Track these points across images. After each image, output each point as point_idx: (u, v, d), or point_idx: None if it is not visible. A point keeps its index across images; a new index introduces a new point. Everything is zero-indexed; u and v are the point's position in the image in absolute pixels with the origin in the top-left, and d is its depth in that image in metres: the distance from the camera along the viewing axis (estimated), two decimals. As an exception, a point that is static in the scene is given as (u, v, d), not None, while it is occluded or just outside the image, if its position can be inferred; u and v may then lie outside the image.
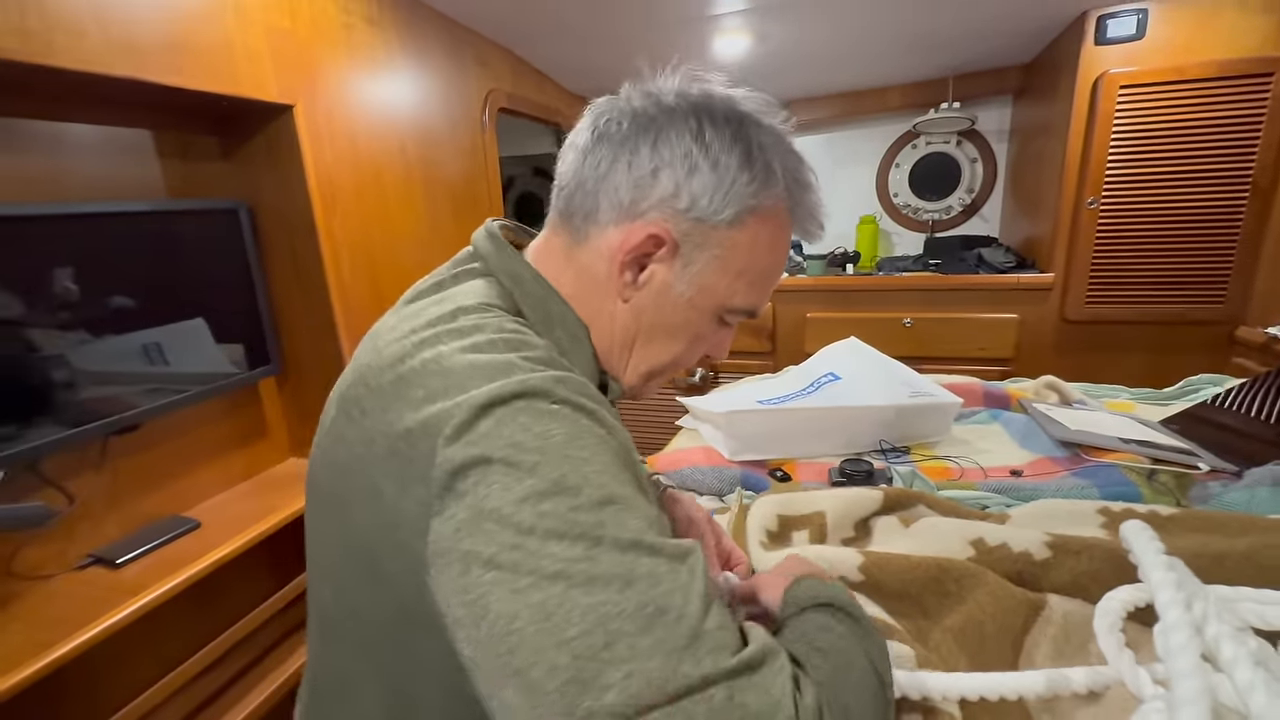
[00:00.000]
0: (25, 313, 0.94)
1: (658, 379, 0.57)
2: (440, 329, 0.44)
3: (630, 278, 0.50)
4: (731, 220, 0.48)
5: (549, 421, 0.37)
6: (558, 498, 0.34)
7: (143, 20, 0.93)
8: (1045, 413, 1.17)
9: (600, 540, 0.33)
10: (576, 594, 0.32)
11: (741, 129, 0.48)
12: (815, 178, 0.53)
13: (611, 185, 0.48)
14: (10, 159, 0.96)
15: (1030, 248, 2.25)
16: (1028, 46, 2.15)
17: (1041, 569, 0.68)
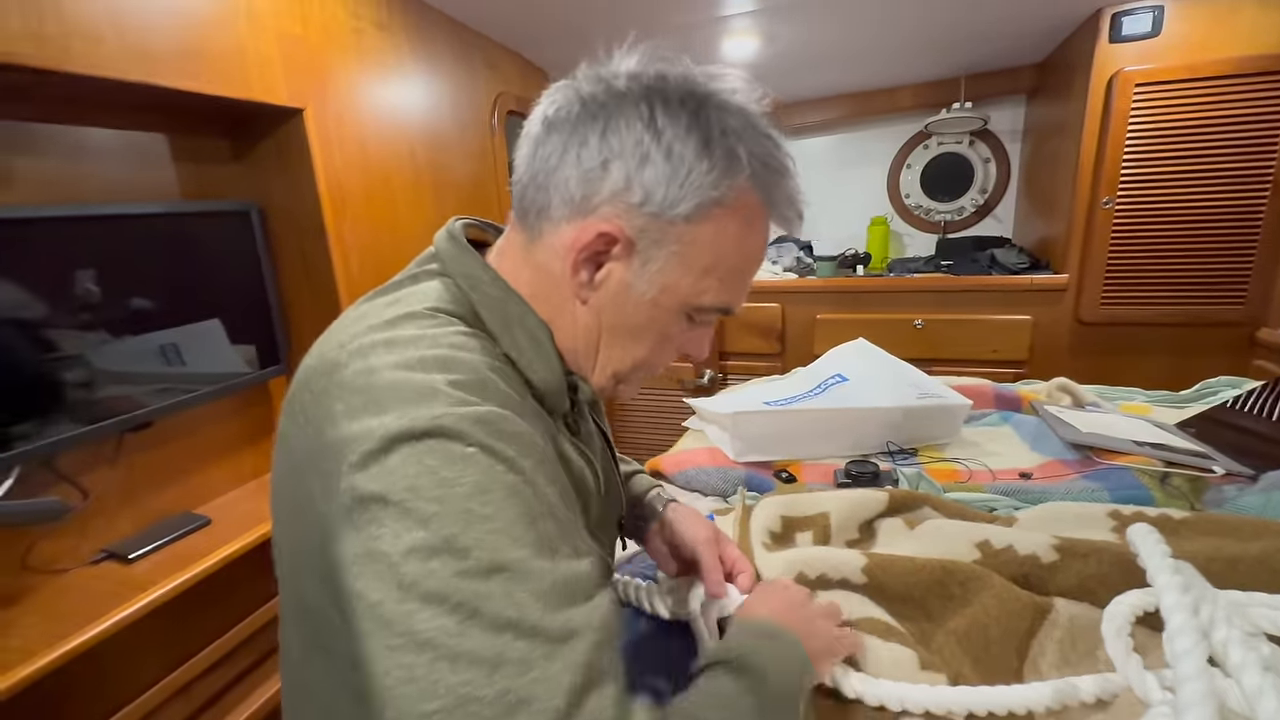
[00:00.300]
0: (45, 312, 0.96)
1: (630, 381, 0.54)
2: (378, 337, 0.42)
3: (586, 277, 0.47)
4: (691, 214, 0.44)
5: (458, 467, 0.35)
6: (445, 557, 0.33)
7: (157, 26, 0.95)
8: (1056, 415, 1.15)
9: (477, 613, 0.32)
10: (443, 667, 0.31)
11: (700, 112, 0.43)
12: (791, 161, 0.48)
13: (562, 179, 0.45)
14: (31, 162, 0.99)
15: (1044, 248, 2.22)
16: (1041, 45, 2.13)
17: (1048, 572, 0.67)
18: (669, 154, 0.43)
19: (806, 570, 0.71)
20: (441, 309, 0.47)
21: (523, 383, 0.48)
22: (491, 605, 0.33)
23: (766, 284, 2.41)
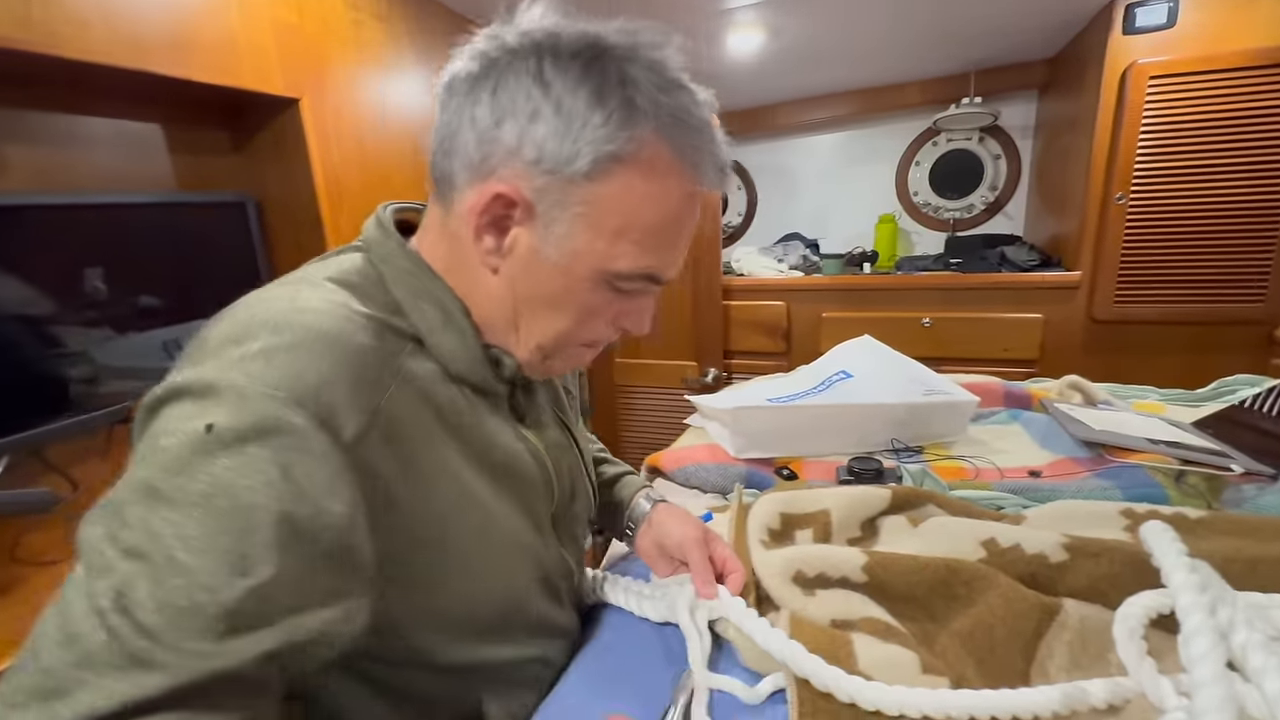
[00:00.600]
0: (40, 304, 0.95)
1: (559, 356, 0.52)
2: (250, 296, 0.43)
3: (492, 244, 0.45)
4: (589, 170, 0.42)
5: (176, 438, 0.35)
6: (110, 516, 0.34)
7: (146, 14, 0.94)
8: (1067, 413, 1.12)
9: (95, 582, 0.33)
10: (52, 618, 0.33)
11: (595, 63, 0.41)
12: (710, 113, 0.45)
13: (462, 143, 0.44)
14: (25, 150, 0.98)
15: (1056, 246, 2.18)
16: (1053, 39, 2.09)
17: (1057, 572, 0.64)
18: (559, 107, 0.41)
19: (805, 568, 0.68)
20: (337, 279, 0.46)
21: (425, 356, 0.47)
22: (102, 583, 0.32)
23: (771, 282, 2.38)
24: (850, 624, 0.63)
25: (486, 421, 0.50)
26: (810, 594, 0.67)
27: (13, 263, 0.92)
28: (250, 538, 0.34)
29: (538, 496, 0.55)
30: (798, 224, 2.94)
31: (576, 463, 0.63)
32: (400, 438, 0.42)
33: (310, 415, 0.36)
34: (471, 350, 0.49)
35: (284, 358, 0.37)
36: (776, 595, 0.67)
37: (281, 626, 0.34)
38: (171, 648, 0.32)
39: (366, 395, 0.40)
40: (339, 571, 0.38)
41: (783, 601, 0.66)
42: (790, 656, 0.54)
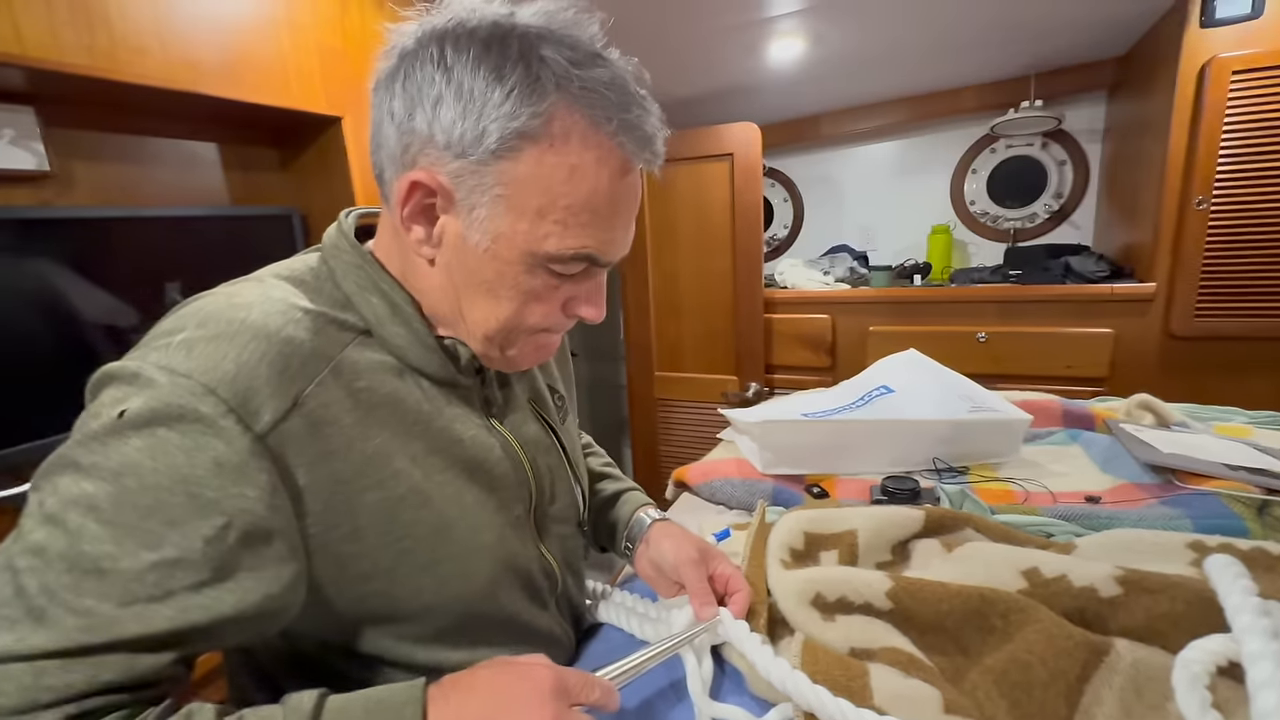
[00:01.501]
0: (123, 313, 1.02)
1: (515, 346, 0.51)
2: (200, 294, 0.45)
3: (422, 234, 0.45)
4: (498, 149, 0.41)
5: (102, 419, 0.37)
6: (42, 482, 0.37)
7: (202, 39, 1.00)
8: (1134, 434, 1.02)
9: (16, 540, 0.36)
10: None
11: (494, 43, 0.41)
12: (635, 85, 0.44)
13: (385, 137, 0.44)
14: (89, 167, 1.06)
15: (1128, 255, 2.02)
16: (1122, 36, 1.96)
17: (1109, 608, 0.57)
18: (459, 90, 0.41)
19: (825, 592, 0.64)
20: (286, 275, 0.48)
21: (375, 347, 0.47)
22: (20, 544, 0.35)
23: (816, 294, 2.32)
24: (870, 653, 0.58)
25: (447, 412, 0.50)
26: (829, 619, 0.62)
27: (101, 276, 0.99)
28: (155, 515, 0.36)
29: (510, 493, 0.54)
30: (846, 236, 2.86)
31: (559, 463, 0.61)
32: (330, 424, 0.43)
33: (220, 402, 0.38)
34: (422, 341, 0.49)
35: (204, 348, 0.39)
36: (792, 618, 0.63)
37: (180, 603, 0.36)
38: (71, 608, 0.34)
39: (289, 383, 0.41)
40: (251, 555, 0.39)
41: (799, 625, 0.62)
42: (793, 687, 0.50)
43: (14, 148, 0.94)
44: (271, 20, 1.11)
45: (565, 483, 0.62)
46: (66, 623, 0.34)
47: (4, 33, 0.80)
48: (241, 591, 0.38)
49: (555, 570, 0.60)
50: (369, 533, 0.45)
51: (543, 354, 0.54)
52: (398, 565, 0.46)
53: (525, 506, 0.56)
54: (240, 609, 0.38)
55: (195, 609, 0.37)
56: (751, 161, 2.20)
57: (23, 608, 0.34)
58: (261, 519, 0.39)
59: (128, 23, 0.91)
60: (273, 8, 1.11)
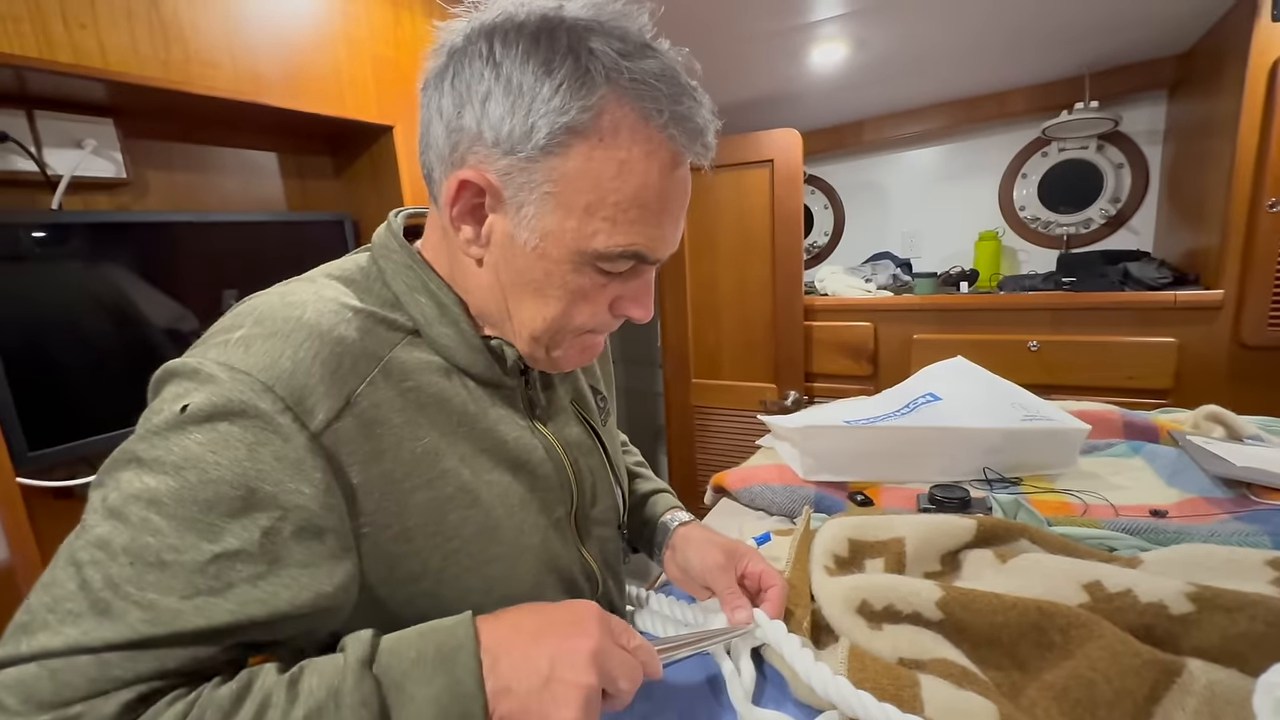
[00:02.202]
0: (186, 318, 1.08)
1: (558, 345, 0.50)
2: (256, 294, 0.46)
3: (471, 234, 0.45)
4: (547, 145, 0.40)
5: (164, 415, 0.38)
6: (107, 476, 0.38)
7: (267, 52, 1.06)
8: (1204, 447, 0.97)
9: (81, 533, 0.36)
10: (54, 561, 0.37)
11: (544, 37, 0.40)
12: (686, 77, 0.43)
13: (434, 137, 0.44)
14: (162, 175, 1.13)
15: (1192, 261, 1.92)
16: (1184, 33, 1.87)
17: (1180, 626, 0.54)
18: (508, 85, 0.40)
19: (871, 599, 0.62)
20: (337, 275, 0.48)
21: (423, 347, 0.48)
22: (85, 538, 0.36)
23: (858, 301, 2.27)
24: (920, 664, 0.56)
25: (492, 412, 0.50)
26: (876, 628, 0.61)
27: (166, 283, 1.05)
28: (216, 508, 0.36)
29: (553, 495, 0.54)
30: (889, 243, 2.80)
31: (601, 465, 0.61)
32: (380, 424, 0.43)
33: (277, 399, 0.38)
34: (469, 341, 0.49)
35: (261, 345, 0.40)
36: (838, 625, 0.61)
37: (239, 595, 0.36)
38: (135, 601, 0.34)
39: (341, 383, 0.41)
40: (305, 550, 0.39)
41: (844, 633, 0.61)
42: (835, 692, 0.49)
43: (96, 157, 1.01)
44: (330, 34, 1.16)
45: (606, 484, 0.62)
46: (131, 615, 0.34)
47: (90, 49, 0.86)
48: (297, 587, 0.38)
49: (596, 572, 0.60)
50: (418, 533, 0.45)
51: (587, 355, 0.53)
52: (446, 566, 0.46)
53: (567, 508, 0.56)
54: (295, 604, 0.38)
55: (253, 602, 0.37)
56: (792, 168, 2.18)
57: (87, 601, 0.34)
58: (316, 516, 0.39)
59: (201, 38, 0.97)
60: (331, 23, 1.17)
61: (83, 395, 0.98)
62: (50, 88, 0.92)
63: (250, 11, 1.04)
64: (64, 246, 0.95)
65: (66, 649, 0.33)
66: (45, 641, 0.33)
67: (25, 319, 0.90)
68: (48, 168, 0.96)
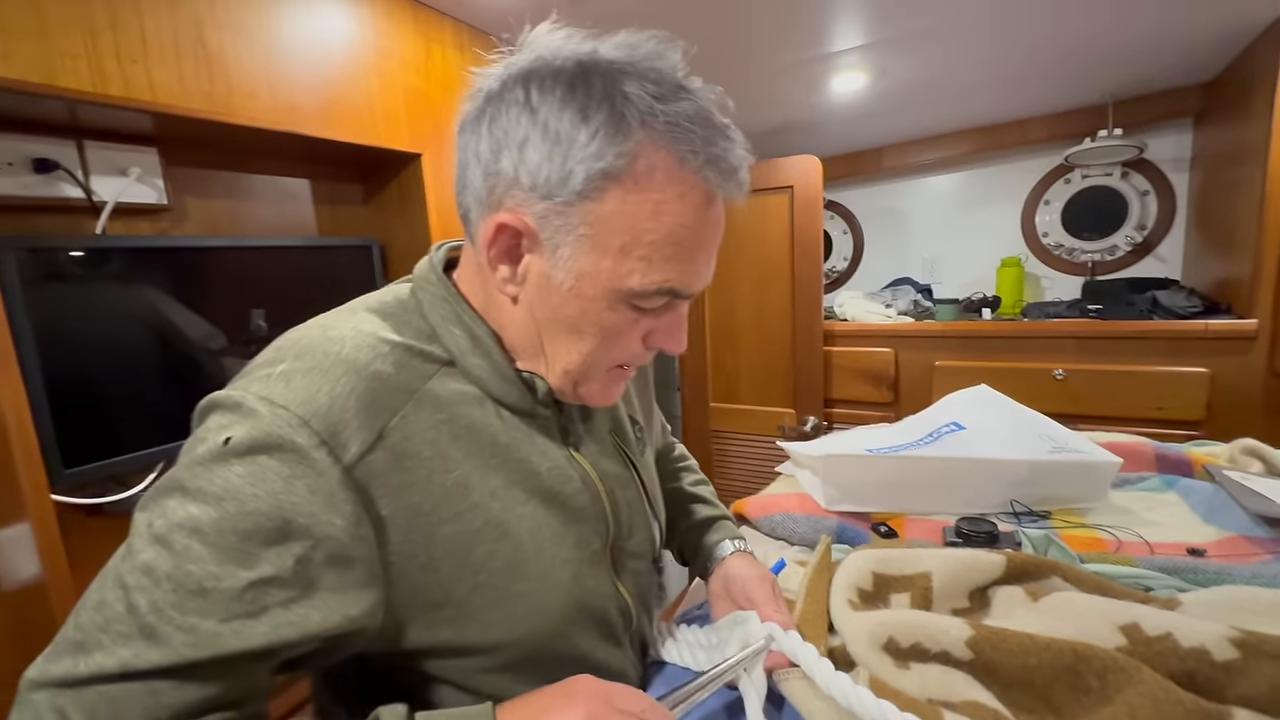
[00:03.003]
0: (216, 338, 1.11)
1: (590, 380, 0.51)
2: (298, 326, 0.48)
3: (507, 273, 0.46)
4: (584, 189, 0.41)
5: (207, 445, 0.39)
6: (151, 505, 0.39)
7: (303, 85, 1.10)
8: (1241, 482, 0.94)
9: (128, 557, 0.38)
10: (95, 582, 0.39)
11: (579, 82, 0.41)
12: (719, 116, 0.43)
13: (471, 179, 0.45)
14: (200, 202, 1.17)
15: (1224, 290, 1.89)
16: (1210, 61, 1.87)
17: (1225, 674, 0.52)
18: (545, 131, 0.41)
19: (898, 636, 0.61)
20: (375, 308, 0.50)
21: (459, 378, 0.49)
22: (132, 562, 0.37)
23: (877, 327, 2.26)
24: (950, 706, 0.55)
25: (526, 443, 0.50)
26: (903, 666, 0.59)
27: (199, 305, 1.08)
28: (253, 538, 0.38)
29: (588, 526, 0.54)
30: (909, 269, 2.79)
31: (638, 498, 0.61)
32: (411, 456, 0.44)
33: (313, 434, 0.40)
34: (501, 372, 0.49)
35: (301, 380, 0.41)
36: (863, 662, 0.60)
37: (274, 619, 0.38)
38: (178, 626, 0.36)
39: (375, 417, 0.43)
40: (335, 576, 0.41)
41: (870, 671, 0.59)
42: (857, 701, 0.48)
43: (140, 184, 1.05)
44: (363, 67, 1.21)
45: (643, 517, 0.61)
46: (175, 639, 0.36)
47: (140, 82, 0.90)
48: (326, 610, 0.40)
49: (631, 607, 0.60)
50: (444, 564, 0.45)
51: (614, 393, 0.54)
52: (471, 598, 0.47)
53: (602, 541, 0.56)
54: (325, 626, 0.40)
55: (286, 625, 0.39)
56: (812, 194, 2.19)
57: (135, 624, 0.36)
58: (345, 546, 0.40)
59: (243, 71, 1.01)
60: (365, 56, 1.21)
61: (116, 414, 1.01)
62: (100, 119, 0.96)
63: (289, 46, 1.09)
64: (105, 269, 0.99)
65: (119, 671, 0.36)
66: (101, 661, 0.36)
67: (67, 339, 0.94)
68: (94, 194, 1.00)
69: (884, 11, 1.47)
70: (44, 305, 0.91)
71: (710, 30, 1.50)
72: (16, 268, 0.87)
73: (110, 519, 1.03)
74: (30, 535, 0.79)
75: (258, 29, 1.04)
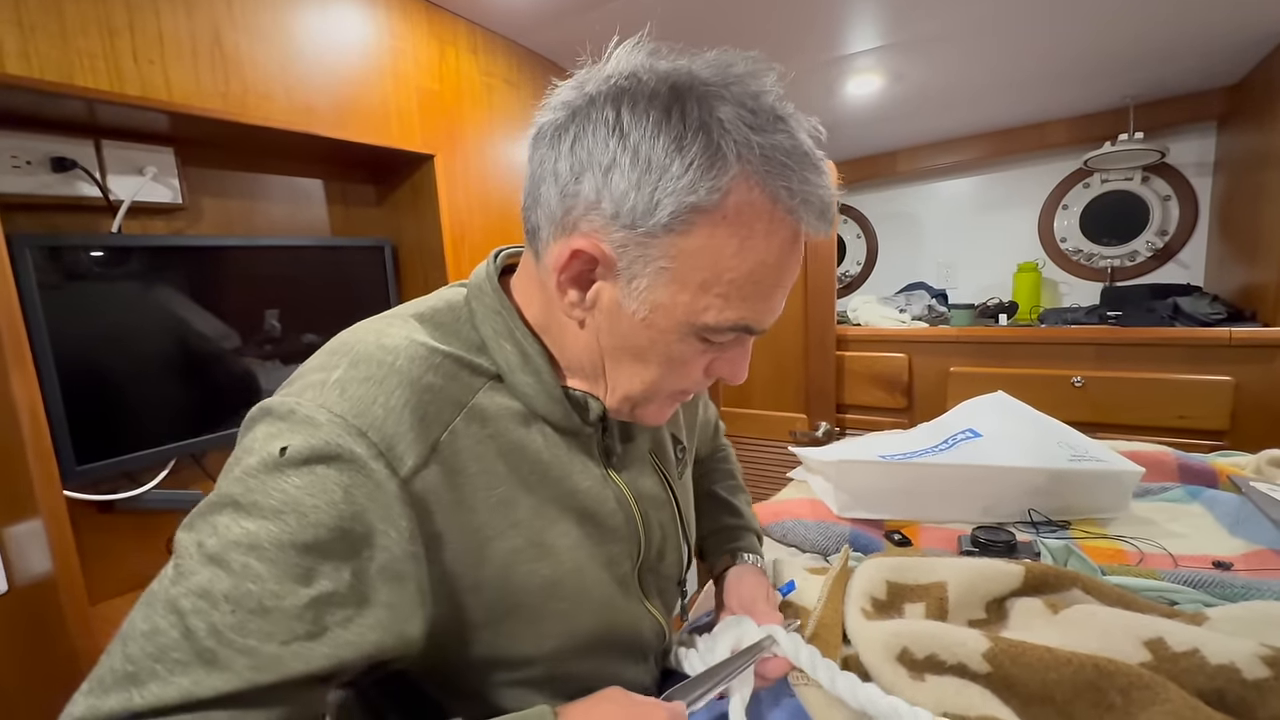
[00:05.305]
0: (230, 337, 1.11)
1: (649, 403, 0.49)
2: (348, 330, 0.47)
3: (576, 297, 0.44)
4: (670, 223, 0.39)
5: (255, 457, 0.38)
6: (200, 522, 0.38)
7: (318, 85, 1.11)
8: (1269, 494, 0.91)
9: (180, 579, 0.36)
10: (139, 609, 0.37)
11: (674, 108, 0.38)
12: (813, 148, 0.41)
13: (545, 197, 0.43)
14: (215, 202, 1.18)
15: (1249, 297, 1.84)
16: (1235, 65, 1.83)
17: (1255, 692, 0.50)
18: (636, 158, 0.38)
19: (913, 647, 0.59)
20: (426, 315, 0.48)
21: (505, 392, 0.47)
22: (185, 585, 0.35)
23: (891, 332, 2.23)
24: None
25: (567, 461, 0.49)
26: (918, 678, 0.58)
27: (212, 304, 1.09)
28: (313, 551, 0.36)
29: (620, 548, 0.53)
30: (923, 273, 2.76)
31: (671, 520, 0.59)
32: (460, 473, 0.43)
33: (371, 445, 0.39)
34: (549, 391, 0.48)
35: (356, 390, 0.40)
36: (876, 675, 0.59)
37: (334, 638, 0.37)
38: (240, 650, 0.34)
39: (427, 430, 0.41)
40: (390, 591, 0.39)
41: (884, 684, 0.58)
42: (866, 698, 0.47)
43: (156, 183, 1.06)
44: (378, 68, 1.21)
45: (675, 540, 0.60)
46: (238, 664, 0.34)
47: (157, 83, 0.91)
48: (381, 629, 0.39)
49: (662, 625, 0.59)
50: (488, 585, 0.45)
51: (668, 413, 0.53)
52: (507, 618, 0.46)
53: (633, 562, 0.55)
54: (380, 647, 0.39)
55: (345, 645, 0.37)
56: (825, 197, 2.17)
57: (192, 650, 0.34)
58: (399, 560, 0.39)
59: (258, 71, 1.02)
60: (379, 57, 1.22)
61: (127, 411, 1.01)
62: (117, 118, 0.97)
63: (304, 47, 1.09)
64: (121, 268, 0.99)
65: (180, 701, 0.34)
66: (158, 692, 0.33)
67: (82, 336, 0.94)
68: (110, 193, 1.01)
69: (900, 14, 1.45)
70: (59, 303, 0.91)
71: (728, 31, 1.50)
72: (33, 265, 0.88)
73: (121, 515, 1.04)
74: (42, 531, 0.80)
75: (274, 31, 1.05)
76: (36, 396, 0.79)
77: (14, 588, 0.84)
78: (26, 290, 0.86)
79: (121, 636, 0.36)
